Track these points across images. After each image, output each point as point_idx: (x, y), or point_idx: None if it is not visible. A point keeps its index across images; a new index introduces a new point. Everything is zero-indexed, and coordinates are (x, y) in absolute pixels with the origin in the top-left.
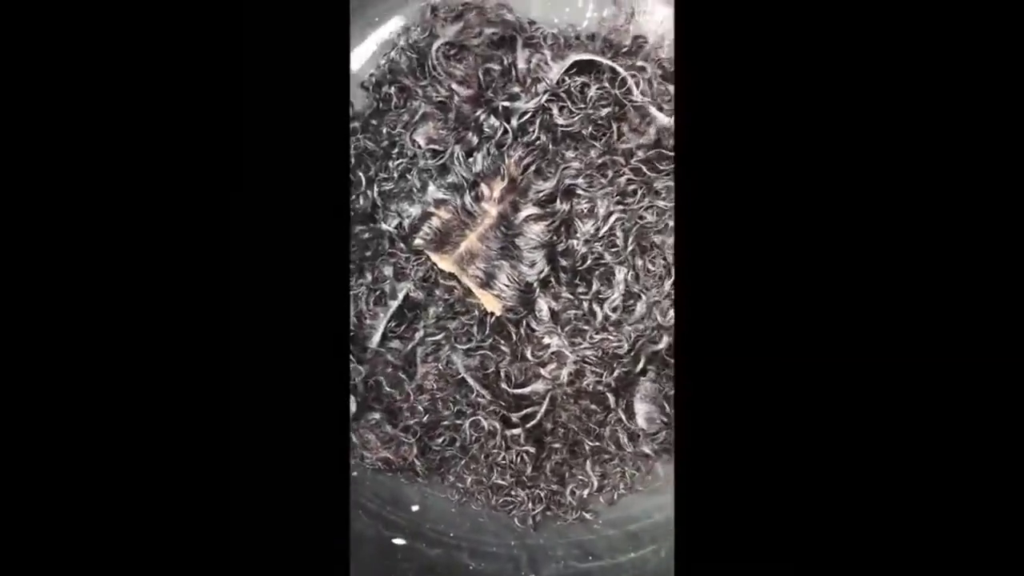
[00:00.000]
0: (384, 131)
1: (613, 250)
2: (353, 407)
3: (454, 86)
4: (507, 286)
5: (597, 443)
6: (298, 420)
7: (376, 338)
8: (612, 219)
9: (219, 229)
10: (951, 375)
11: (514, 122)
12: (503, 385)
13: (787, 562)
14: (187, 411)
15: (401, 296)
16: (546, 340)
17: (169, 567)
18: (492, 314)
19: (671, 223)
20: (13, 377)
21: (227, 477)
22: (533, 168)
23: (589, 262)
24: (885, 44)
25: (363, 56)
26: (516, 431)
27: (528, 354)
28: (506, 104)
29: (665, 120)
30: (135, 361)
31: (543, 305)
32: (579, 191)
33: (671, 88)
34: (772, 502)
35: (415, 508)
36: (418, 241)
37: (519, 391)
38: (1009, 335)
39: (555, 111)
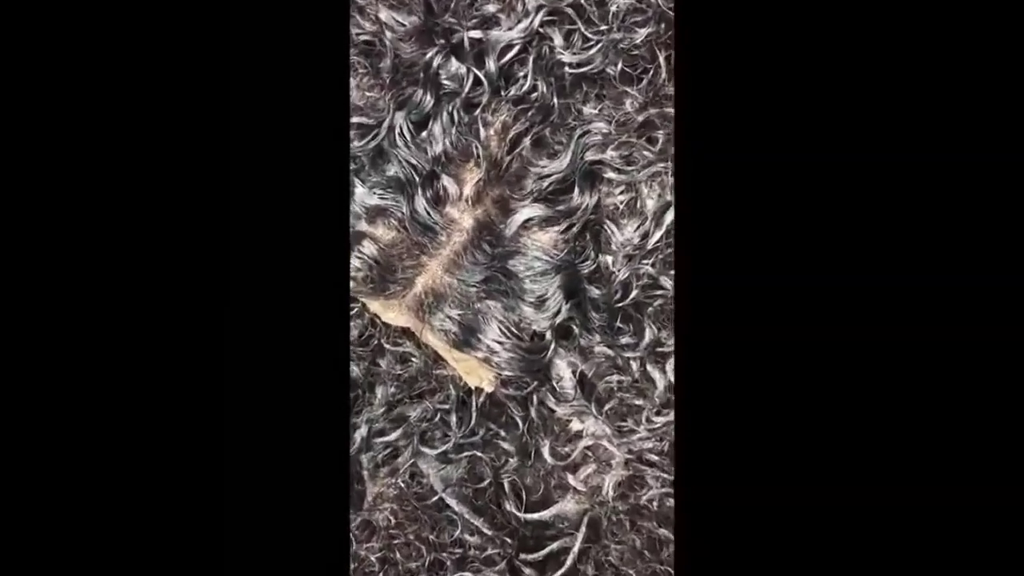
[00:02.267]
0: None
1: (674, 271)
2: None
3: (384, 14)
4: (500, 343)
5: None
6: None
7: None
8: (668, 216)
9: (219, 231)
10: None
11: (491, 64)
12: (508, 507)
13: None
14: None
15: None
16: (575, 426)
17: None
18: (479, 391)
19: None
20: (4, 372)
21: (221, 479)
22: (529, 139)
23: (635, 292)
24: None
25: None
26: None
27: (546, 452)
28: (476, 35)
29: None
30: (125, 367)
31: (564, 370)
32: (610, 172)
33: None
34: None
35: None
36: None
37: (536, 516)
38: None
39: (558, 39)
